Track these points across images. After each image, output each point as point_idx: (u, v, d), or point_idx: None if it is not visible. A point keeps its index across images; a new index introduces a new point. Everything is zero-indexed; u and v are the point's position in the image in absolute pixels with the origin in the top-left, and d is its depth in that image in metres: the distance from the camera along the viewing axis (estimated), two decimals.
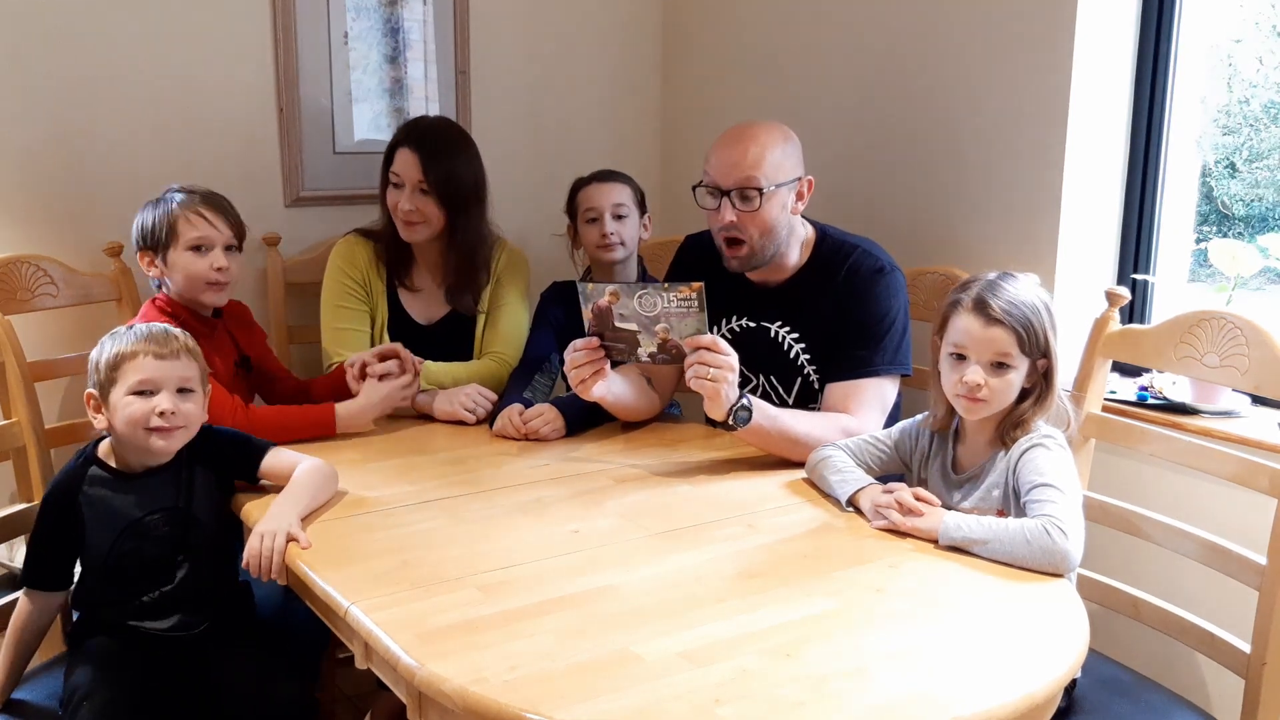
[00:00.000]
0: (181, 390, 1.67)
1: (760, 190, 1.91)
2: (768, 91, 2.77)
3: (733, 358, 1.78)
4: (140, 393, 1.64)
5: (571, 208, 2.42)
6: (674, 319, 1.78)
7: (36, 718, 1.68)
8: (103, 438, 1.74)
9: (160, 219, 2.00)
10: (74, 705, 1.58)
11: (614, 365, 1.89)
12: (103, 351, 1.68)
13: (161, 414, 1.64)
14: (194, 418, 1.70)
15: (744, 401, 1.81)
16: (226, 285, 2.04)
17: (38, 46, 2.26)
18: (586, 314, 1.83)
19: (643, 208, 2.43)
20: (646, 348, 1.81)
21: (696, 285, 1.75)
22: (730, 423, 1.81)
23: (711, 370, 1.75)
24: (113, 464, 1.71)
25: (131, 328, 1.71)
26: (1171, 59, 2.13)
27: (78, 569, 1.74)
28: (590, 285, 1.82)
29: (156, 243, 2.01)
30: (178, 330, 1.73)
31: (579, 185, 2.42)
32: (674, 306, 1.77)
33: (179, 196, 2.03)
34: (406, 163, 2.25)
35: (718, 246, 2.01)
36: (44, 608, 1.73)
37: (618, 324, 1.81)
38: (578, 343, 1.85)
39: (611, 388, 1.96)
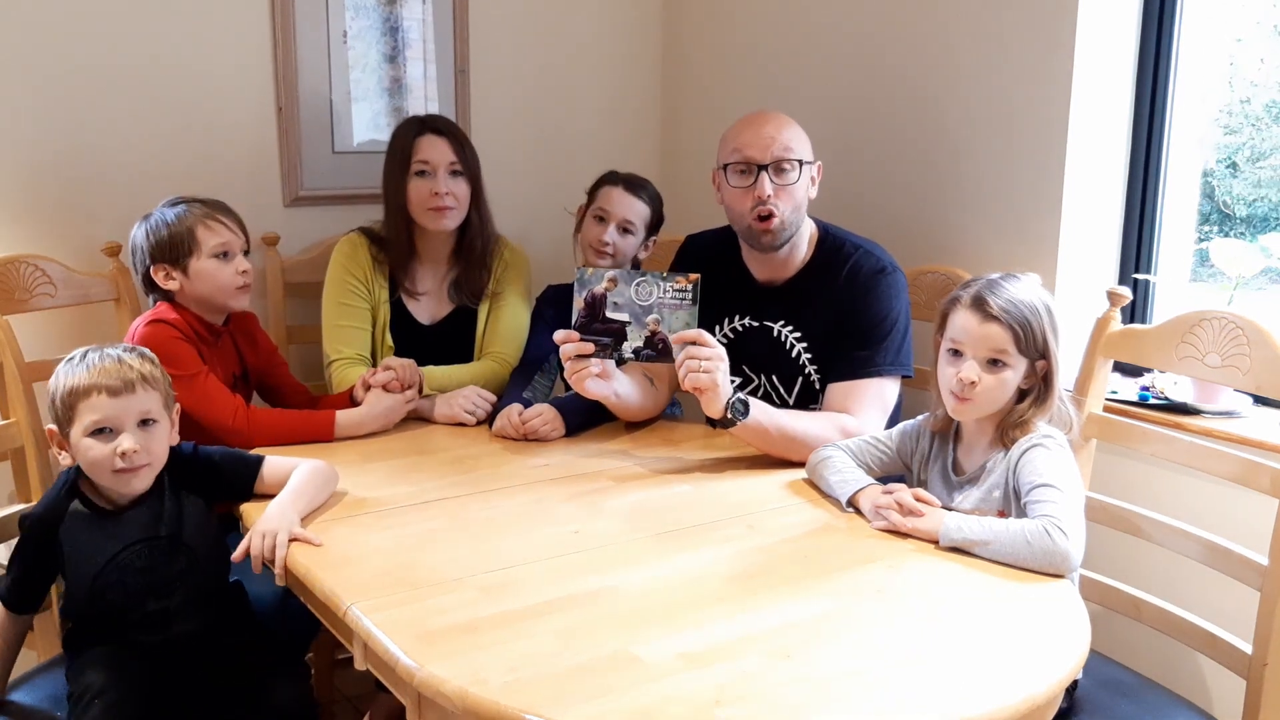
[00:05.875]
0: (145, 423, 1.60)
1: (800, 161, 1.95)
2: (768, 91, 2.76)
3: (720, 349, 1.80)
4: (99, 432, 1.57)
5: (591, 194, 2.40)
6: (666, 310, 1.81)
7: (35, 718, 1.67)
8: None
9: (178, 230, 1.98)
10: (85, 702, 1.56)
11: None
12: (57, 383, 1.59)
13: (124, 454, 1.57)
14: (159, 451, 1.62)
15: (740, 396, 1.82)
16: (250, 288, 2.05)
17: (36, 44, 2.26)
18: (578, 301, 1.83)
19: (654, 230, 2.40)
20: (633, 341, 1.83)
21: (694, 276, 1.81)
22: (728, 416, 1.81)
23: (703, 363, 1.77)
24: (93, 498, 1.65)
25: (85, 355, 1.61)
26: (1173, 58, 2.13)
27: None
28: (590, 270, 1.84)
29: (176, 254, 1.98)
30: (132, 355, 1.62)
31: (606, 180, 2.39)
32: (669, 297, 1.81)
33: (184, 207, 2.01)
34: (435, 147, 2.25)
35: (746, 229, 2.00)
36: (19, 623, 1.70)
37: (609, 313, 1.83)
38: (559, 334, 1.84)
39: (616, 388, 1.96)
